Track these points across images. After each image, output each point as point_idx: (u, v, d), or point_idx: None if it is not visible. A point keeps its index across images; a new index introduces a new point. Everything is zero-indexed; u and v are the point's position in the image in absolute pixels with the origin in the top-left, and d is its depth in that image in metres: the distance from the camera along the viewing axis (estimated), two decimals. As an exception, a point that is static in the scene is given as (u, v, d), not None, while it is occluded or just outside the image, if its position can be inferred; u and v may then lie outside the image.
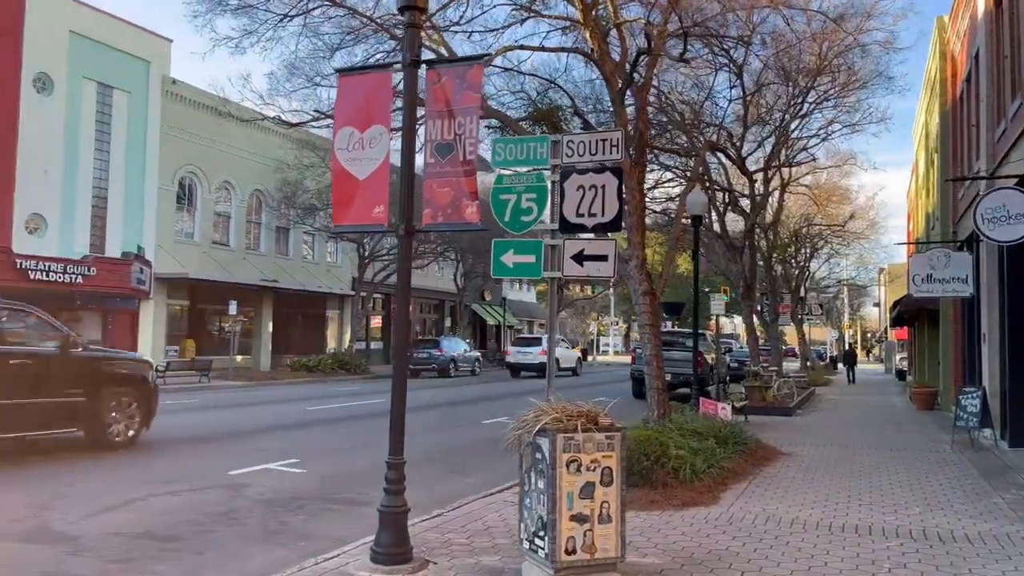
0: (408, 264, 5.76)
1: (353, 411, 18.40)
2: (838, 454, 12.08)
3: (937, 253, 14.96)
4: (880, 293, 66.36)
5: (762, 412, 18.31)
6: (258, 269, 34.33)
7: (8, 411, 9.57)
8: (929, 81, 24.77)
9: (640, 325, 11.30)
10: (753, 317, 22.95)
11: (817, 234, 35.05)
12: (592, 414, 5.35)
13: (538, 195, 8.14)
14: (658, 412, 11.02)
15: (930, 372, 24.72)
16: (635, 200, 11.19)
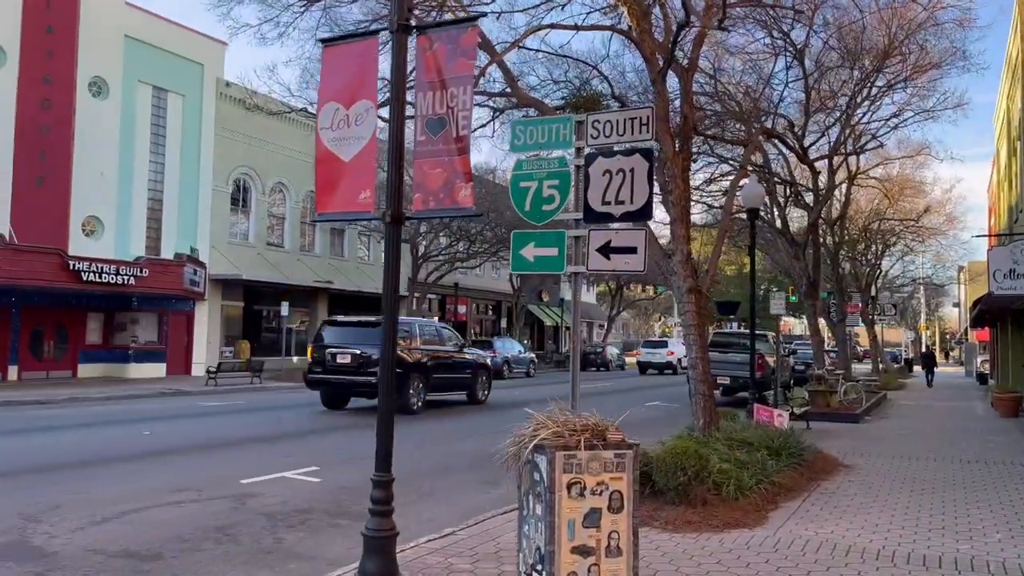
0: (394, 255, 5.10)
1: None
2: (907, 467, 10.96)
3: (1021, 246, 13.62)
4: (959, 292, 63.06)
5: (826, 418, 17.12)
6: (312, 270, 34.37)
7: (448, 382, 19.40)
8: (1010, 64, 23.04)
9: (684, 325, 10.41)
10: (817, 317, 21.64)
11: (889, 230, 33.16)
12: (599, 428, 4.59)
13: (561, 181, 7.41)
14: (704, 420, 10.12)
15: (1014, 376, 22.94)
16: (679, 190, 10.32)
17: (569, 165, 7.41)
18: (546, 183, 7.45)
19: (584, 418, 4.67)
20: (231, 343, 31.81)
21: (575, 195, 7.40)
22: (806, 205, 21.71)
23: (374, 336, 16.77)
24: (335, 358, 17.93)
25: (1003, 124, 26.62)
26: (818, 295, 21.56)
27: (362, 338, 18.16)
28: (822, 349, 22.11)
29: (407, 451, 11.64)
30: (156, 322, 27.84)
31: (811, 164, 18.74)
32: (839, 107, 18.91)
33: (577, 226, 7.37)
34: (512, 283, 44.57)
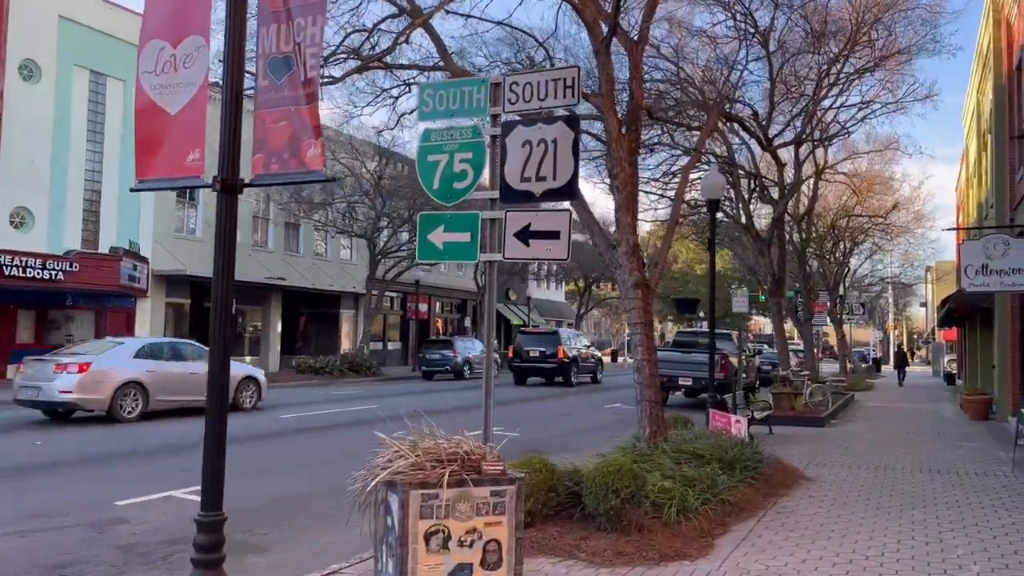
0: (227, 230, 4.01)
1: (336, 419, 16.76)
2: (874, 478, 10.04)
3: (994, 240, 12.77)
4: (927, 291, 63.05)
5: (790, 422, 16.25)
6: (265, 267, 32.97)
7: None
8: (980, 55, 22.38)
9: (630, 324, 9.40)
10: (783, 316, 20.81)
11: (857, 227, 32.53)
12: (473, 457, 3.53)
13: (474, 154, 6.35)
14: (650, 429, 9.11)
15: (983, 377, 22.29)
16: (625, 174, 9.29)
17: (484, 135, 6.35)
18: (458, 156, 6.39)
19: (456, 443, 3.61)
20: (178, 342, 30.39)
21: (491, 170, 6.34)
22: (772, 200, 20.87)
23: (544, 340, 30.57)
24: (528, 352, 30.20)
25: (973, 119, 26.03)
26: (783, 293, 20.72)
27: (540, 341, 30.57)
28: (787, 349, 21.29)
29: (235, 477, 10.54)
30: (93, 320, 26.36)
31: (774, 153, 17.86)
32: (805, 95, 18.05)
33: (493, 207, 6.32)
34: (476, 281, 43.43)
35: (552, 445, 13.48)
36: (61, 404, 14.84)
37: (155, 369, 15.87)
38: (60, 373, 14.63)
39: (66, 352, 16.25)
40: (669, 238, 9.85)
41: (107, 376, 15.01)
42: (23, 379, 15.11)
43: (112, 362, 15.35)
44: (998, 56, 18.67)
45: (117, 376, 15.12)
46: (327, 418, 16.89)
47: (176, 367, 16.40)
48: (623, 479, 6.54)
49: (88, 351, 15.96)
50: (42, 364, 15.07)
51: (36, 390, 14.70)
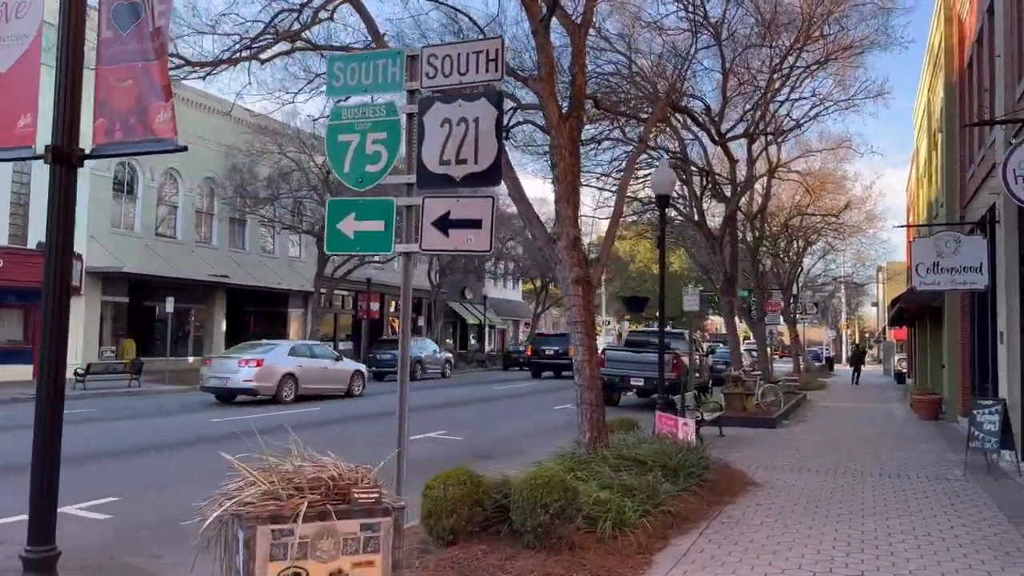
0: (61, 208, 3.35)
1: (274, 422, 15.96)
2: (822, 484, 9.65)
3: (945, 237, 12.53)
4: (878, 291, 63.96)
5: (742, 423, 15.91)
6: (208, 264, 31.86)
7: None
8: (932, 53, 22.40)
9: (570, 322, 8.87)
10: (734, 315, 20.53)
11: (810, 226, 32.59)
12: (341, 484, 2.93)
13: (389, 134, 5.75)
14: (590, 434, 8.58)
15: (932, 377, 22.30)
16: (565, 162, 8.75)
17: (400, 113, 5.75)
18: (371, 137, 5.78)
19: (322, 465, 3.00)
20: (117, 342, 29.20)
21: (408, 152, 5.74)
22: (724, 197, 20.58)
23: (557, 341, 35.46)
24: (545, 351, 35.73)
25: (923, 118, 26.12)
26: (735, 292, 20.44)
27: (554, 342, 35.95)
28: (739, 348, 21.02)
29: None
30: (22, 319, 25.09)
31: (726, 146, 17.50)
32: (759, 87, 17.73)
33: (410, 193, 5.72)
34: (430, 279, 42.70)
35: (499, 449, 12.93)
36: (244, 390, 19.25)
37: (302, 364, 20.52)
38: (243, 367, 19.14)
39: (244, 349, 20.80)
40: (612, 232, 9.35)
41: (274, 369, 19.58)
42: (210, 371, 19.70)
43: (276, 359, 19.86)
44: (949, 54, 18.60)
45: (280, 369, 19.77)
46: (257, 422, 16.09)
47: (314, 363, 21.17)
48: (552, 492, 5.98)
49: (257, 351, 20.19)
50: (227, 360, 19.86)
51: (224, 379, 19.23)
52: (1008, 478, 10.11)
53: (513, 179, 9.16)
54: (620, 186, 9.69)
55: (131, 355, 27.61)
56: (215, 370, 19.67)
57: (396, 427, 5.63)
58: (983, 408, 10.73)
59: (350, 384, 22.25)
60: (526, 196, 9.20)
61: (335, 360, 22.46)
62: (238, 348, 21.55)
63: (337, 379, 21.90)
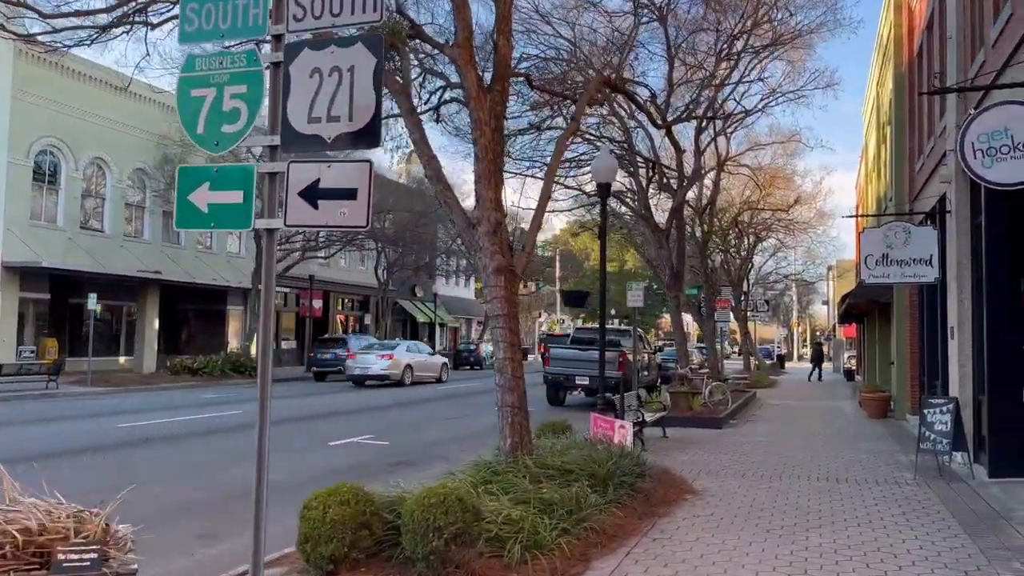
0: None
1: (189, 427, 14.82)
2: (768, 490, 8.94)
3: (895, 228, 11.97)
4: (828, 289, 64.49)
5: (687, 424, 15.25)
6: (139, 259, 30.32)
7: None
8: (881, 45, 22.08)
9: (490, 315, 8.00)
10: (681, 311, 19.90)
11: (760, 222, 32.28)
12: (41, 539, 1.99)
13: (250, 87, 4.80)
14: (510, 441, 7.72)
15: (881, 374, 21.99)
16: (486, 139, 7.88)
17: (262, 63, 4.81)
18: (228, 91, 4.82)
19: (25, 510, 2.07)
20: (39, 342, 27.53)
21: (272, 109, 4.80)
22: (672, 189, 19.93)
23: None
24: None
25: (872, 113, 25.87)
26: (682, 287, 19.82)
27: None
28: (685, 346, 20.41)
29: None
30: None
31: (671, 133, 16.78)
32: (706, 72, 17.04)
33: (273, 157, 4.79)
34: (377, 276, 41.52)
35: (426, 454, 12.02)
36: (380, 376, 27.33)
37: (415, 357, 29.16)
38: (380, 359, 27.52)
39: (377, 347, 29.19)
40: (539, 218, 8.52)
41: (399, 361, 27.99)
42: (354, 363, 27.69)
43: (400, 353, 28.50)
44: (899, 43, 18.20)
45: (403, 361, 28.23)
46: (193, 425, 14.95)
47: (420, 356, 30.18)
48: (449, 512, 5.10)
49: (386, 347, 29.08)
50: (368, 355, 27.90)
51: (366, 369, 27.46)
52: (960, 481, 9.52)
53: (430, 157, 8.26)
54: (548, 168, 8.87)
55: (52, 355, 26.03)
56: (358, 363, 27.56)
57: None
58: (934, 407, 10.14)
59: (440, 372, 31.30)
60: (444, 177, 8.31)
61: (430, 355, 32.00)
62: (371, 347, 29.40)
63: (433, 368, 30.85)
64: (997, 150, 5.99)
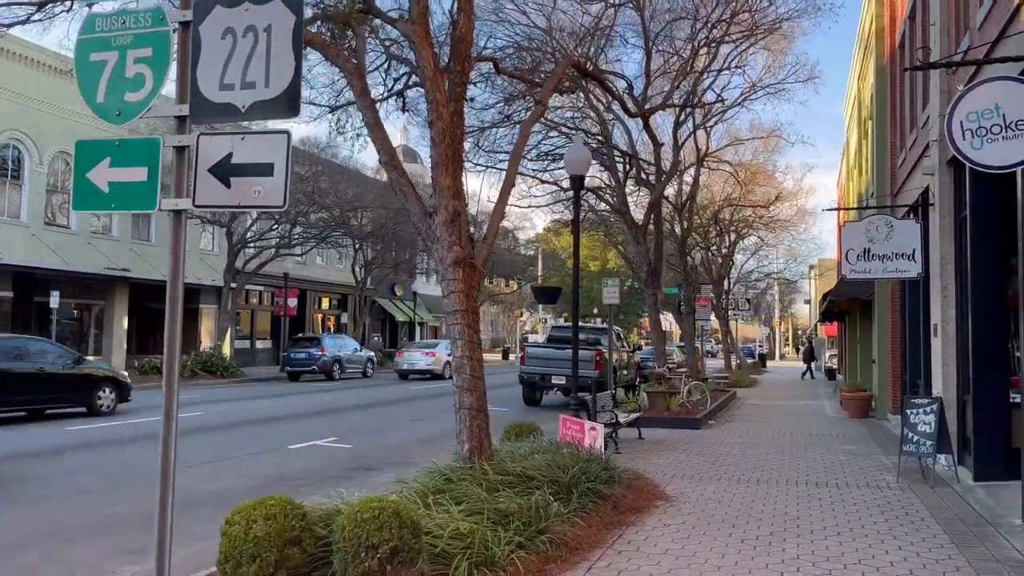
0: None
1: (140, 430, 14.17)
2: (744, 496, 8.47)
3: (876, 221, 11.56)
4: (810, 288, 64.43)
5: (664, 424, 14.80)
6: (107, 256, 29.52)
7: None
8: (863, 40, 21.74)
9: (448, 311, 7.47)
10: (658, 308, 19.45)
11: (741, 219, 31.94)
12: None
13: (155, 50, 4.24)
14: (469, 445, 7.21)
15: (863, 373, 21.65)
16: (443, 121, 7.36)
17: (169, 23, 4.26)
18: (132, 55, 4.27)
19: None
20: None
21: (180, 75, 4.25)
22: (650, 184, 19.47)
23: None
24: None
25: (853, 109, 25.56)
26: (660, 284, 19.37)
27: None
28: (663, 344, 19.96)
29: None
30: None
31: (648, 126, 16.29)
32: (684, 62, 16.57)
33: (182, 129, 4.24)
34: (355, 274, 40.85)
35: (388, 457, 11.49)
36: (424, 371, 31.40)
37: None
38: (425, 356, 31.77)
39: (419, 346, 34.12)
40: (501, 206, 8.00)
41: (440, 358, 30.80)
42: (402, 359, 32.36)
43: (440, 351, 31.07)
44: (880, 36, 17.85)
45: (444, 358, 30.05)
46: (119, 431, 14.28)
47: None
48: (385, 528, 4.58)
49: (431, 347, 32.52)
50: (414, 352, 32.53)
51: (412, 364, 31.81)
52: (945, 486, 9.10)
53: (383, 141, 7.72)
54: (512, 154, 8.37)
55: (15, 355, 25.19)
56: (405, 359, 32.26)
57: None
58: (917, 408, 9.72)
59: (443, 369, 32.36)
60: (399, 162, 7.77)
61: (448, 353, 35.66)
62: (416, 345, 35.06)
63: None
64: (988, 130, 5.53)
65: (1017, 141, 5.43)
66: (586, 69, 11.88)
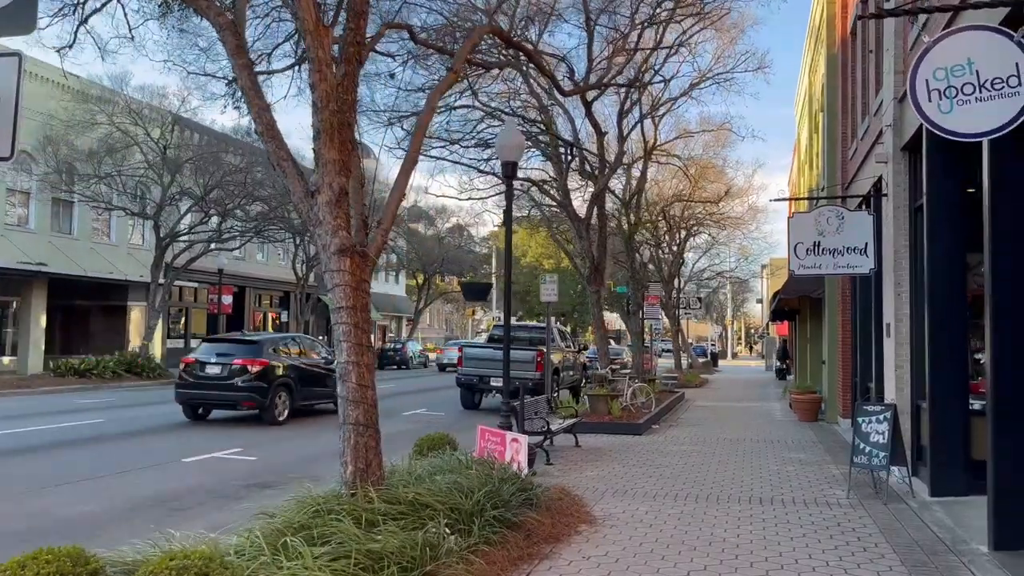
0: None
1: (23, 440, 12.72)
2: (680, 517, 7.50)
3: (827, 213, 10.74)
4: (762, 287, 64.50)
5: (605, 430, 13.86)
6: (22, 250, 27.59)
7: None
8: (813, 30, 21.13)
9: (332, 307, 6.34)
10: (601, 306, 18.51)
11: (691, 216, 31.25)
12: None
13: None
14: (353, 467, 6.10)
15: (812, 374, 21.01)
16: (327, 83, 6.24)
17: None
18: None
19: None
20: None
21: None
22: (593, 175, 18.52)
23: None
24: None
25: (805, 103, 25.01)
26: (603, 281, 18.44)
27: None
28: (606, 344, 19.04)
29: None
30: None
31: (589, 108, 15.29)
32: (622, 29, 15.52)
33: None
34: (295, 270, 39.26)
35: (294, 471, 10.25)
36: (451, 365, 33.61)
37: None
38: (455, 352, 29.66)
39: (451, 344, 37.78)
40: (402, 184, 6.89)
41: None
42: (439, 356, 41.32)
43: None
44: (831, 24, 17.17)
45: None
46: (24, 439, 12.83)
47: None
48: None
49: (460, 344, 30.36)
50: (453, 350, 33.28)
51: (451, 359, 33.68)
52: (900, 502, 8.26)
53: (261, 108, 6.57)
54: (418, 124, 7.27)
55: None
56: (445, 356, 36.87)
57: None
58: (870, 415, 8.87)
59: None
60: (278, 132, 6.61)
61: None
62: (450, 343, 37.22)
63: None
64: (959, 90, 4.63)
65: (992, 104, 4.53)
66: (509, 37, 10.80)
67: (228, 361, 15.24)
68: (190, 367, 15.59)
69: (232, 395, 15.15)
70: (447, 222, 55.49)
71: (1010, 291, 6.20)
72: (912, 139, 9.43)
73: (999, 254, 6.27)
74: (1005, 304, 6.25)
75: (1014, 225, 6.13)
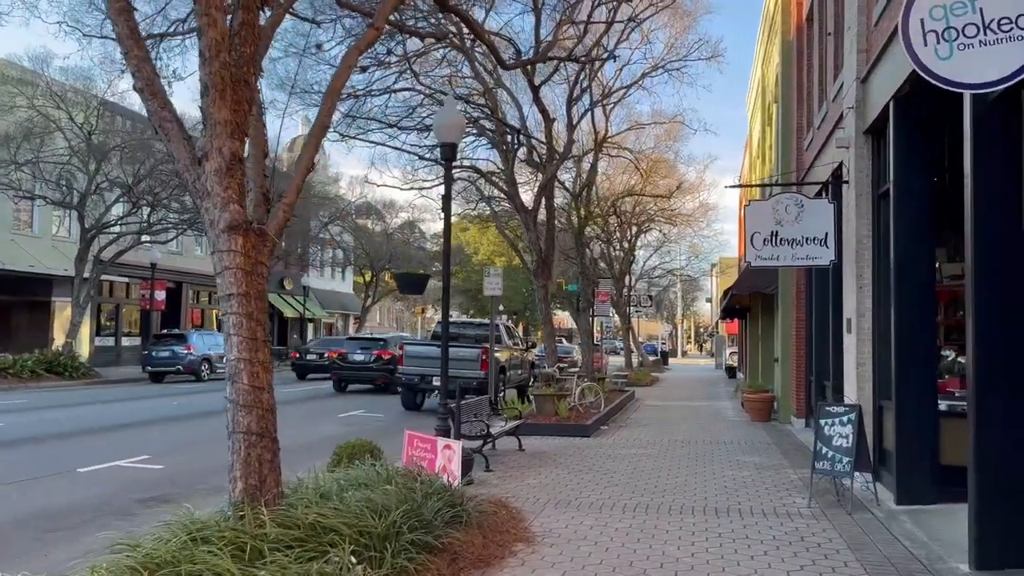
0: None
1: None
2: (629, 532, 6.71)
3: (786, 200, 10.08)
4: (712, 286, 64.66)
5: (551, 432, 13.07)
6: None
7: None
8: (767, 19, 20.64)
9: (222, 296, 5.38)
10: (548, 302, 17.73)
11: (642, 211, 30.72)
12: None
13: None
14: (243, 484, 5.14)
15: (764, 373, 20.54)
16: (216, 31, 5.27)
17: None
18: None
19: None
20: None
21: None
22: (541, 165, 17.72)
23: None
24: None
25: (757, 96, 24.59)
26: (551, 275, 17.67)
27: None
28: (554, 342, 18.28)
29: None
30: None
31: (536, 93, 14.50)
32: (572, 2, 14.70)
33: None
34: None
35: (206, 481, 9.21)
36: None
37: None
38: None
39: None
40: (311, 152, 5.93)
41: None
42: None
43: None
44: (787, 11, 16.66)
45: None
46: None
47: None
48: None
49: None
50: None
51: None
52: (865, 511, 7.59)
53: (140, 60, 5.57)
54: (330, 87, 6.34)
55: None
56: None
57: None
58: (833, 417, 8.20)
59: None
60: (160, 88, 5.61)
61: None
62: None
63: None
64: (960, 32, 3.91)
65: (998, 48, 3.82)
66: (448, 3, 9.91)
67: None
68: (342, 356, 24.39)
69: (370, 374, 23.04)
70: (395, 217, 54.22)
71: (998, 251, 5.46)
72: (877, 120, 8.81)
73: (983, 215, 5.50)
74: (992, 265, 5.52)
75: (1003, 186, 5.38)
